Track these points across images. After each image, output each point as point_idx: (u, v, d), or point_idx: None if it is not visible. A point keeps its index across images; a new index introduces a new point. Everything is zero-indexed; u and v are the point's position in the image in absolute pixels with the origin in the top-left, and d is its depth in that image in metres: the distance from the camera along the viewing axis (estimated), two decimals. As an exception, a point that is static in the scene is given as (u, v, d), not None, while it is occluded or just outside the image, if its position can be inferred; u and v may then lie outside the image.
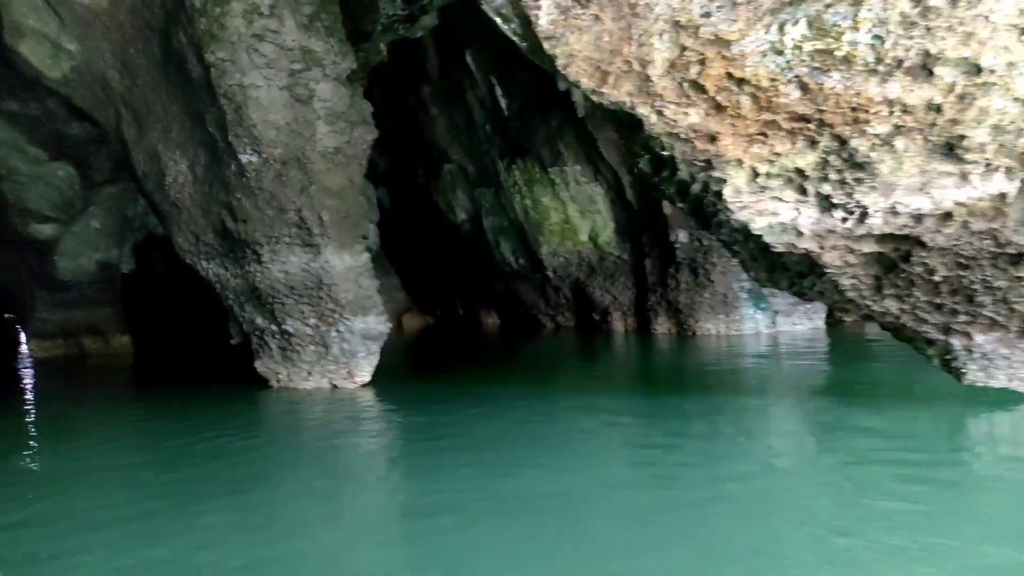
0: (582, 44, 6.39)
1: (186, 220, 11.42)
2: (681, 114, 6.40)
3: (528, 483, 6.27)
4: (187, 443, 8.34)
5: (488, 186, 20.83)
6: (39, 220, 16.74)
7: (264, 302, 11.22)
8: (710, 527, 5.02)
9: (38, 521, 5.74)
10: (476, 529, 5.20)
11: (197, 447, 8.12)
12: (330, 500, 6.33)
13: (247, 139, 9.95)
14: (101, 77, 11.28)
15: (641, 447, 7.73)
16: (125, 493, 6.56)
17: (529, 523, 5.25)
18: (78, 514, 5.88)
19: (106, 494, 6.48)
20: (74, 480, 7.14)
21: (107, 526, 5.54)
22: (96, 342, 21.02)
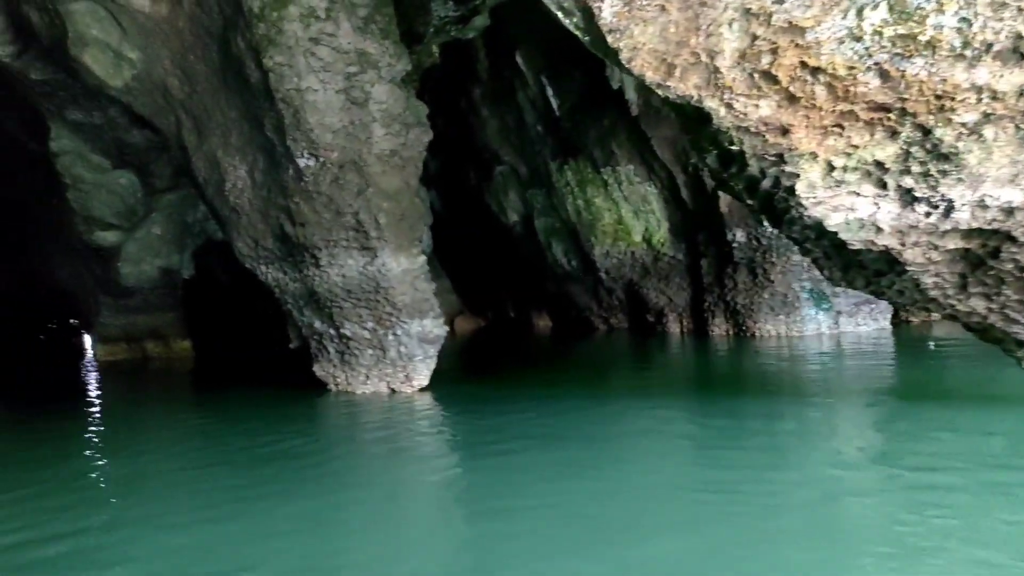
0: (647, 36, 6.20)
1: (245, 225, 11.50)
2: (751, 106, 6.16)
3: (586, 487, 6.17)
4: (249, 448, 8.37)
5: (540, 187, 20.69)
6: (103, 227, 17.11)
7: (322, 306, 11.23)
8: (772, 540, 4.80)
9: (122, 524, 5.76)
10: (535, 534, 5.13)
11: (259, 452, 8.13)
12: (391, 504, 6.28)
13: (304, 143, 9.97)
14: (161, 84, 11.44)
15: (700, 451, 7.54)
16: (194, 498, 6.60)
17: (588, 528, 5.16)
18: (154, 518, 5.88)
19: (177, 499, 6.51)
20: (146, 484, 7.21)
21: (182, 529, 5.53)
22: (158, 346, 21.45)
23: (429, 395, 11.19)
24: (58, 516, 6.10)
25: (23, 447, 9.64)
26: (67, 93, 13.87)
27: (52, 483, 7.30)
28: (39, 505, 6.48)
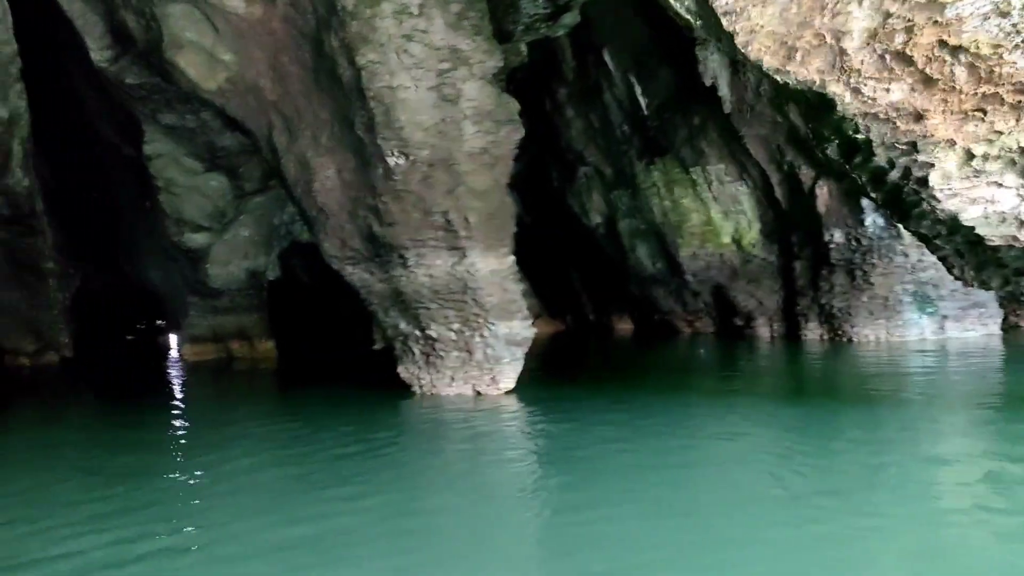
0: (766, 18, 5.79)
1: (333, 225, 11.47)
2: (881, 91, 5.69)
3: (673, 497, 5.99)
4: (333, 451, 8.22)
5: (624, 188, 20.25)
6: (193, 229, 17.47)
7: (408, 307, 11.11)
8: (869, 562, 4.43)
9: (221, 541, 5.57)
10: (622, 543, 4.94)
11: (344, 456, 7.97)
12: (476, 513, 6.06)
13: (395, 141, 9.85)
14: (254, 86, 11.52)
15: (791, 461, 7.11)
16: (279, 501, 6.45)
17: (675, 542, 4.98)
18: (250, 534, 5.70)
19: (269, 510, 6.34)
20: (232, 488, 7.10)
21: (281, 548, 5.36)
22: (243, 347, 21.80)
23: (515, 398, 10.94)
24: (147, 515, 6.06)
25: (117, 447, 9.77)
26: (161, 97, 14.18)
27: (142, 483, 7.29)
28: (128, 506, 6.43)
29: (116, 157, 18.26)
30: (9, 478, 7.88)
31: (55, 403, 15.34)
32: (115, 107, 16.17)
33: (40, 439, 10.66)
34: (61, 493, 7.06)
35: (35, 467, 8.52)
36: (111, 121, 17.23)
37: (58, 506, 6.48)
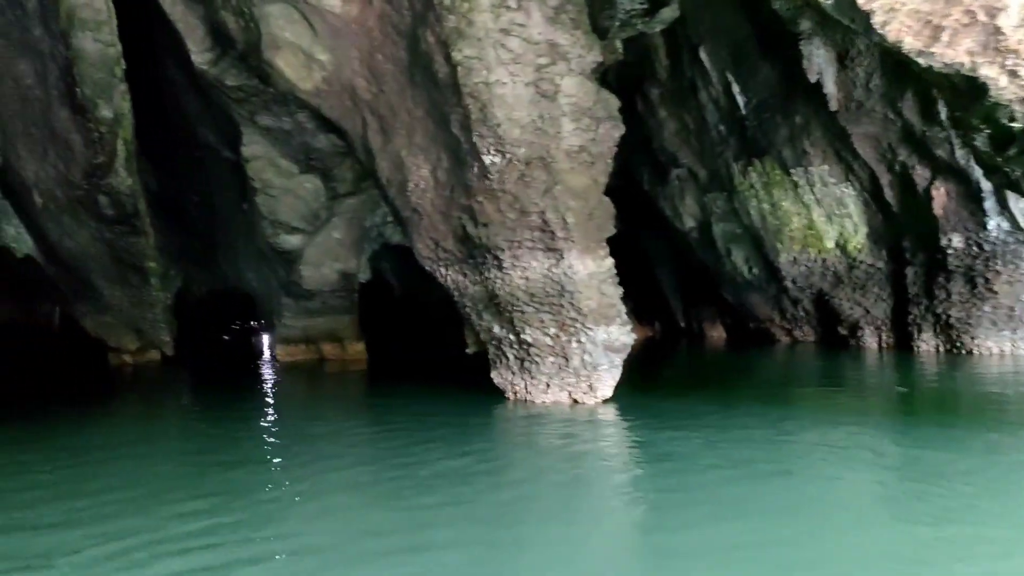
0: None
1: (426, 226, 11.30)
2: (1047, 72, 5.05)
3: (775, 522, 5.53)
4: (423, 463, 7.88)
5: (720, 191, 19.52)
6: (288, 231, 17.68)
7: (502, 310, 10.81)
8: None
9: (316, 549, 5.38)
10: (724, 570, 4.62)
11: (434, 467, 7.63)
12: (573, 535, 5.61)
13: (491, 139, 9.58)
14: (349, 86, 11.47)
15: (902, 486, 6.56)
16: (376, 521, 6.11)
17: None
18: (346, 545, 5.47)
19: (358, 520, 6.11)
20: (326, 501, 6.87)
21: (370, 559, 5.10)
22: (334, 348, 22.02)
23: (612, 407, 10.49)
24: (240, 530, 5.88)
25: (213, 450, 9.80)
26: (259, 99, 14.34)
27: (234, 490, 7.18)
28: (219, 519, 6.29)
29: (215, 160, 18.66)
30: (104, 485, 7.92)
31: (156, 400, 15.71)
32: (214, 110, 16.51)
33: (142, 437, 10.84)
34: (161, 494, 7.04)
35: (132, 467, 8.56)
36: (211, 124, 17.62)
37: (159, 510, 6.43)
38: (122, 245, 17.57)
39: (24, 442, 10.03)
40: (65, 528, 5.92)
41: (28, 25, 11.93)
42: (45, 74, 12.56)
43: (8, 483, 7.56)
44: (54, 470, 8.09)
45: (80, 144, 13.40)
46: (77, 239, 17.48)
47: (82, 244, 17.75)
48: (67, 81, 12.45)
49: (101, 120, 12.99)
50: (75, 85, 12.39)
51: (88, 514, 6.29)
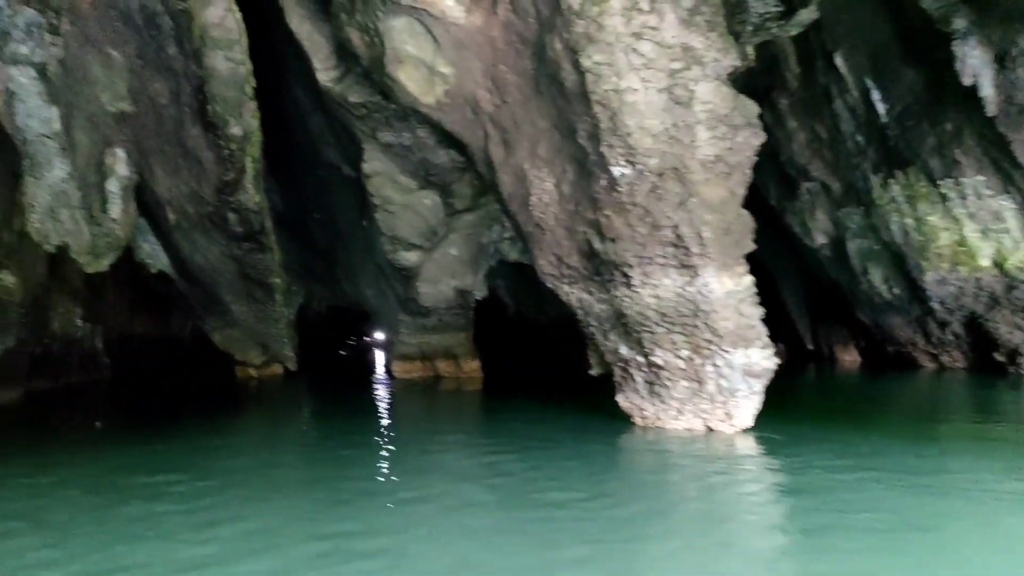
0: None
1: (549, 242, 10.88)
2: None
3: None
4: (546, 490, 7.37)
5: (856, 204, 18.27)
6: (406, 247, 17.70)
7: (630, 330, 10.23)
8: None
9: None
10: None
11: (552, 498, 7.06)
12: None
13: (621, 149, 9.07)
14: (471, 98, 11.24)
15: None
16: (490, 552, 5.68)
17: None
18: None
19: (473, 551, 5.68)
20: (446, 542, 6.46)
21: None
22: (450, 366, 21.93)
23: (752, 438, 9.69)
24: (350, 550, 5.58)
25: (324, 467, 9.65)
26: (380, 115, 14.38)
27: (358, 513, 6.91)
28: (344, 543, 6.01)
29: (337, 178, 18.95)
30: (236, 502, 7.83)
31: (280, 416, 15.95)
32: (337, 128, 16.74)
33: (266, 451, 10.86)
34: (283, 512, 6.86)
35: (258, 489, 8.48)
36: (333, 143, 17.89)
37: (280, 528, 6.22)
38: (249, 261, 18.04)
39: (156, 459, 10.18)
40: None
41: (163, 44, 12.36)
42: (179, 92, 12.99)
43: (140, 503, 7.56)
44: (186, 483, 8.09)
45: (211, 161, 13.78)
46: (207, 255, 18.08)
47: (212, 260, 18.35)
48: (199, 99, 12.82)
49: (231, 137, 13.31)
50: (207, 103, 12.74)
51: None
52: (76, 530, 6.45)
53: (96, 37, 12.30)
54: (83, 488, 8.20)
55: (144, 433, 12.60)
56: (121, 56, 12.53)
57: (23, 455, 10.63)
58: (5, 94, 12.55)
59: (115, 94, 12.88)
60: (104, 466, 9.66)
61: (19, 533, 6.44)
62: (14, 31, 11.50)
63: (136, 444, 11.34)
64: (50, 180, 12.77)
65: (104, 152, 13.31)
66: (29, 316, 21.42)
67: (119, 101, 12.95)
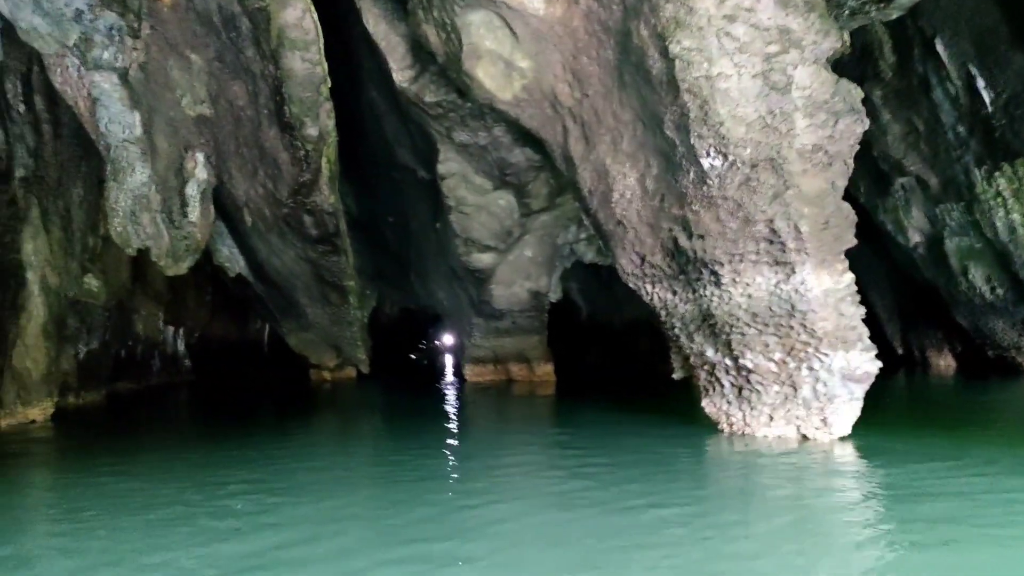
0: None
1: (631, 239, 10.42)
2: None
3: None
4: (633, 499, 6.92)
5: (956, 200, 17.18)
6: (480, 249, 17.46)
7: (719, 332, 9.68)
8: None
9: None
10: None
11: (646, 508, 6.59)
12: None
13: (712, 139, 8.55)
14: (550, 92, 10.86)
15: None
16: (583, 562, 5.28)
17: None
18: None
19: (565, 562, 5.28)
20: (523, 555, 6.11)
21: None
22: (522, 369, 21.60)
23: (851, 447, 9.01)
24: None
25: (401, 473, 9.38)
26: (456, 114, 14.15)
27: (427, 540, 6.59)
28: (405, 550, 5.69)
29: (411, 181, 18.84)
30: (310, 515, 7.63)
31: (352, 419, 15.87)
32: (412, 130, 16.61)
33: (340, 457, 10.71)
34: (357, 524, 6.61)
35: (329, 490, 8.28)
36: (408, 145, 17.78)
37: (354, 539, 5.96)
38: (324, 264, 18.07)
39: (233, 462, 10.14)
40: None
41: (241, 46, 12.37)
42: (256, 94, 13.00)
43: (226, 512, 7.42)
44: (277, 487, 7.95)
45: (287, 163, 13.78)
46: (283, 258, 18.20)
47: (287, 263, 18.46)
48: (276, 100, 12.80)
49: (307, 138, 13.27)
50: (284, 104, 12.71)
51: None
52: (150, 531, 6.34)
53: (176, 40, 12.40)
54: (162, 491, 8.15)
55: (225, 435, 12.64)
56: (200, 59, 12.61)
57: (107, 455, 10.78)
58: (89, 100, 12.77)
59: (194, 97, 12.97)
60: (181, 469, 9.65)
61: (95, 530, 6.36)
62: (96, 36, 11.66)
63: (217, 445, 11.35)
64: (131, 184, 12.94)
65: (184, 156, 13.42)
66: (113, 319, 22.04)
67: (198, 105, 13.04)
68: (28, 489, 8.96)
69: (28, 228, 16.04)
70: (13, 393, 15.56)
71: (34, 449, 12.22)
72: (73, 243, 17.71)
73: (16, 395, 15.62)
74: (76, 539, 6.35)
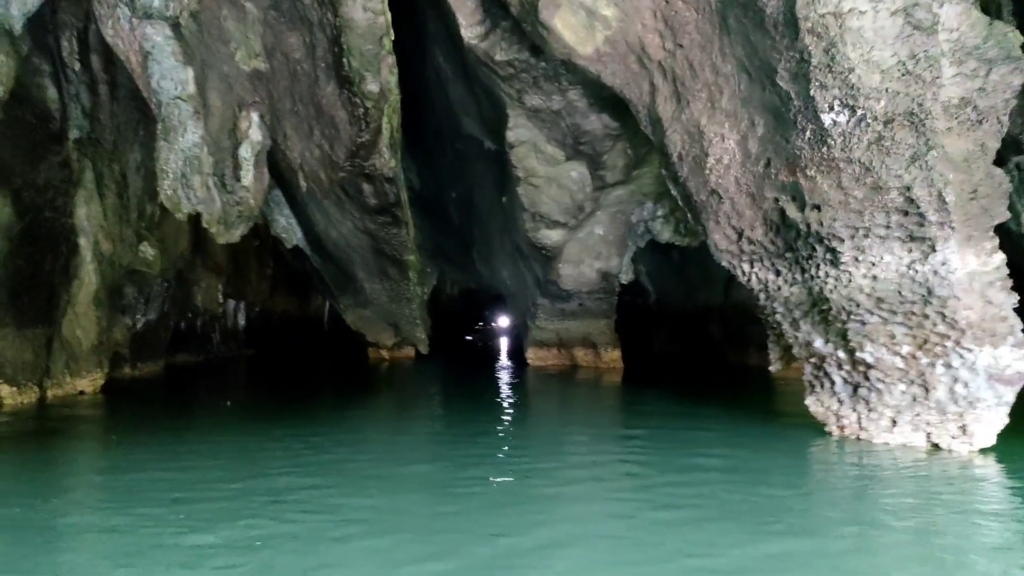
0: None
1: (728, 211, 9.12)
2: None
3: None
4: (733, 515, 5.76)
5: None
6: (549, 225, 16.26)
7: (832, 319, 8.33)
8: None
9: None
10: None
11: (754, 551, 5.34)
12: None
13: (837, 90, 7.19)
14: (637, 44, 9.60)
15: None
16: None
17: None
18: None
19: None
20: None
21: None
22: (588, 355, 20.40)
23: (993, 460, 7.60)
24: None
25: (473, 464, 8.34)
26: (528, 75, 12.95)
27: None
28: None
29: (477, 152, 17.73)
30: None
31: (411, 401, 14.96)
32: (479, 97, 15.47)
33: (393, 443, 9.76)
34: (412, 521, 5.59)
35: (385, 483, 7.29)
36: (474, 113, 16.65)
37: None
38: (383, 236, 17.14)
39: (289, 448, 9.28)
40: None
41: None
42: (313, 45, 12.01)
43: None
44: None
45: (345, 121, 12.77)
46: (341, 229, 17.33)
47: (345, 235, 17.59)
48: (334, 52, 11.77)
49: (367, 95, 12.22)
50: (342, 56, 11.67)
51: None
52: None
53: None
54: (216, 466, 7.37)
55: (273, 417, 11.85)
56: (255, 8, 11.67)
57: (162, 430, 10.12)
58: (140, 55, 11.98)
59: (249, 50, 12.06)
60: (228, 453, 8.82)
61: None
62: (146, -21, 10.82)
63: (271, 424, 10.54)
64: (183, 145, 12.13)
65: (237, 115, 12.55)
66: (172, 290, 21.60)
67: (253, 58, 12.13)
68: (47, 470, 8.19)
69: (81, 192, 15.50)
70: (61, 363, 15.07)
71: (73, 423, 11.59)
72: (129, 210, 17.16)
73: (64, 365, 15.13)
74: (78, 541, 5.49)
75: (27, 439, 9.79)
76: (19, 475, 7.63)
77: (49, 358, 14.94)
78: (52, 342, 15.04)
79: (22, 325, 14.13)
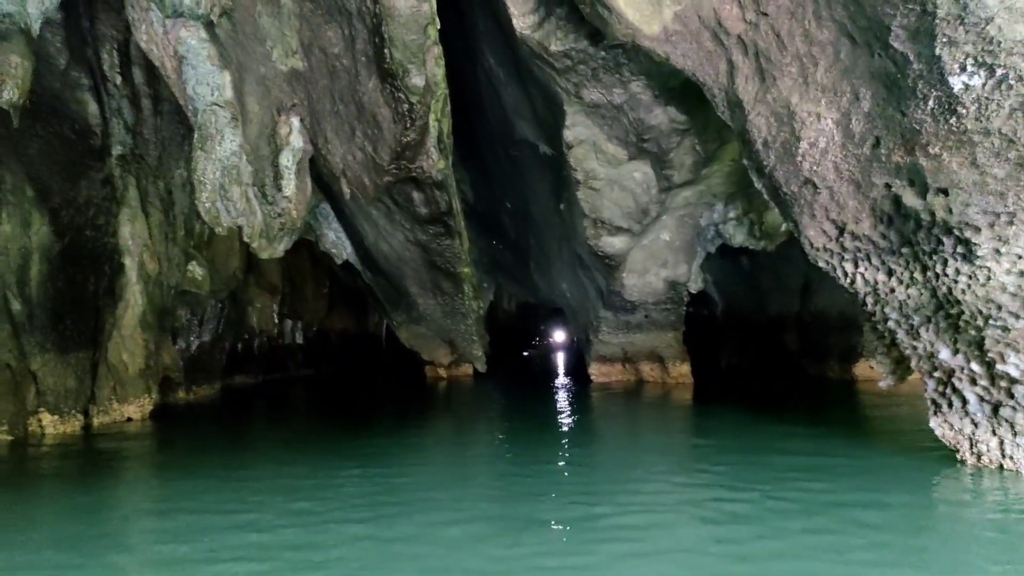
0: None
1: (825, 203, 7.86)
2: None
3: None
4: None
5: None
6: (611, 232, 15.10)
7: (964, 325, 7.00)
8: None
9: None
10: None
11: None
12: None
13: (970, 46, 5.92)
14: (712, 18, 8.45)
15: None
16: None
17: None
18: None
19: None
20: None
21: None
22: (655, 369, 19.10)
23: None
24: None
25: (515, 490, 7.23)
26: (586, 67, 11.86)
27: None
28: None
29: (531, 157, 16.71)
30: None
31: (472, 425, 13.93)
32: (534, 96, 14.44)
33: (456, 468, 8.71)
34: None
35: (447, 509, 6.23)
36: (529, 116, 15.63)
37: None
38: (435, 248, 16.22)
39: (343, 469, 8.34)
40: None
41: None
42: (352, 38, 11.14)
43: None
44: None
45: (388, 119, 11.83)
46: (391, 241, 16.47)
47: (396, 247, 16.73)
48: (375, 43, 10.86)
49: (411, 89, 11.27)
50: (384, 47, 10.76)
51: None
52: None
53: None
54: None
55: (328, 445, 10.94)
56: (291, 1, 10.87)
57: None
58: (175, 60, 11.31)
59: (286, 48, 11.26)
60: (272, 489, 7.90)
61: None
62: (174, -25, 10.11)
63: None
64: (221, 154, 11.38)
65: (276, 121, 11.77)
66: (226, 311, 21.10)
67: (290, 57, 11.33)
68: (76, 506, 7.38)
69: (125, 210, 14.97)
70: (108, 388, 14.48)
71: (114, 455, 10.85)
72: (175, 228, 16.61)
73: (111, 390, 14.53)
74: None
75: (67, 474, 9.09)
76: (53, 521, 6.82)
77: (94, 384, 14.38)
78: (97, 367, 14.48)
79: (65, 350, 13.59)
